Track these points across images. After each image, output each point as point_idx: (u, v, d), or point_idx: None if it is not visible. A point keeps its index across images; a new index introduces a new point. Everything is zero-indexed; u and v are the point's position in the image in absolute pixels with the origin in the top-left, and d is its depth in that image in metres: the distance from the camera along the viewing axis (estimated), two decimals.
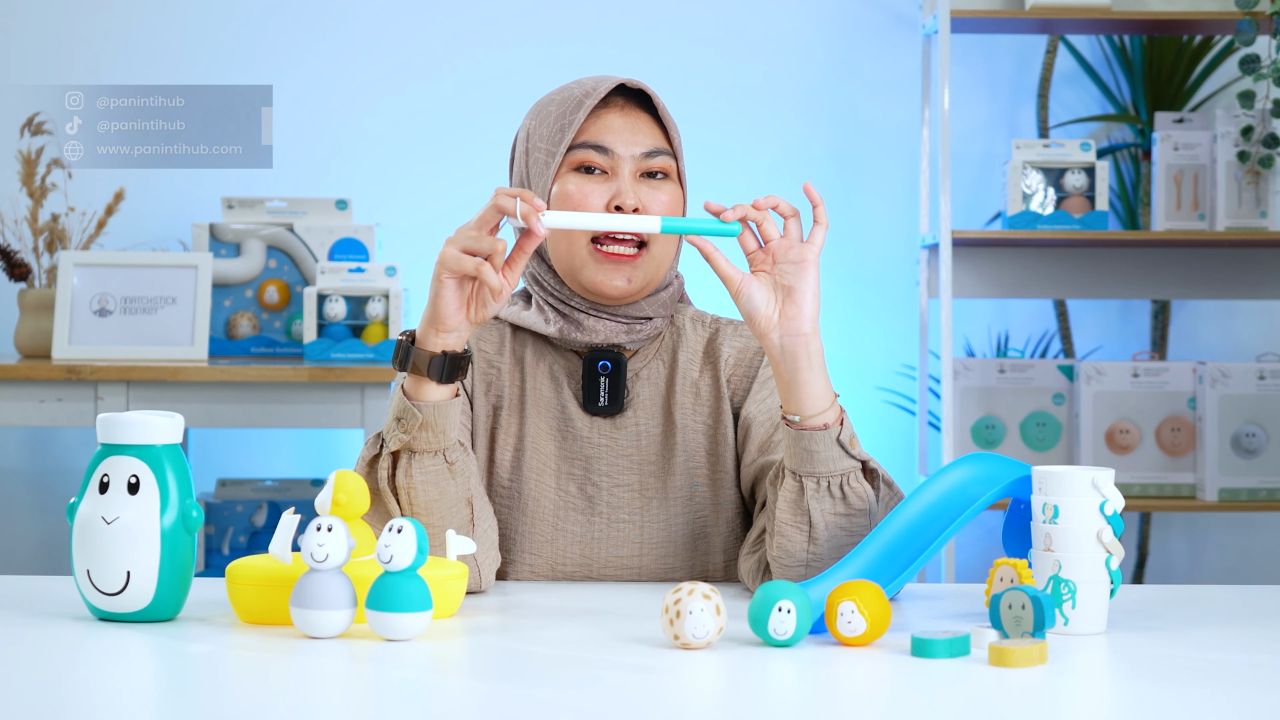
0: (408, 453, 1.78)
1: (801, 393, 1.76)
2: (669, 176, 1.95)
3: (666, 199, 1.93)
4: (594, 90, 1.92)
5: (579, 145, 1.92)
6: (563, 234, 1.92)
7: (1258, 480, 3.71)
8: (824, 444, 1.76)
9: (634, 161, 1.92)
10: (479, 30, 4.07)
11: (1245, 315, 4.19)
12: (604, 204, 1.90)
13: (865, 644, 1.53)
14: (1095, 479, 1.60)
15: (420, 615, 1.53)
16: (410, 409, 1.76)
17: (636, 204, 1.90)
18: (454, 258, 1.73)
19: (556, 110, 1.94)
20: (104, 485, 1.60)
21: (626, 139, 1.92)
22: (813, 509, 1.76)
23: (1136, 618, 1.69)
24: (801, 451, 1.76)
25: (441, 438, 1.77)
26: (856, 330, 4.11)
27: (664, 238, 1.92)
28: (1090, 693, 1.44)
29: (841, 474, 1.77)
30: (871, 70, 4.13)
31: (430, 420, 1.76)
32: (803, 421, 1.77)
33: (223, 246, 3.69)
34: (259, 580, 1.62)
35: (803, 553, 1.77)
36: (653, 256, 1.93)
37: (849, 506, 1.77)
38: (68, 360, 3.47)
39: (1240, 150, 3.68)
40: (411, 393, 1.77)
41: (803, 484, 1.77)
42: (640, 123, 1.94)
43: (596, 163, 1.92)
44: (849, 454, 1.77)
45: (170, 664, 1.50)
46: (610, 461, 1.95)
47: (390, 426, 1.78)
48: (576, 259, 1.92)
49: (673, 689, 1.42)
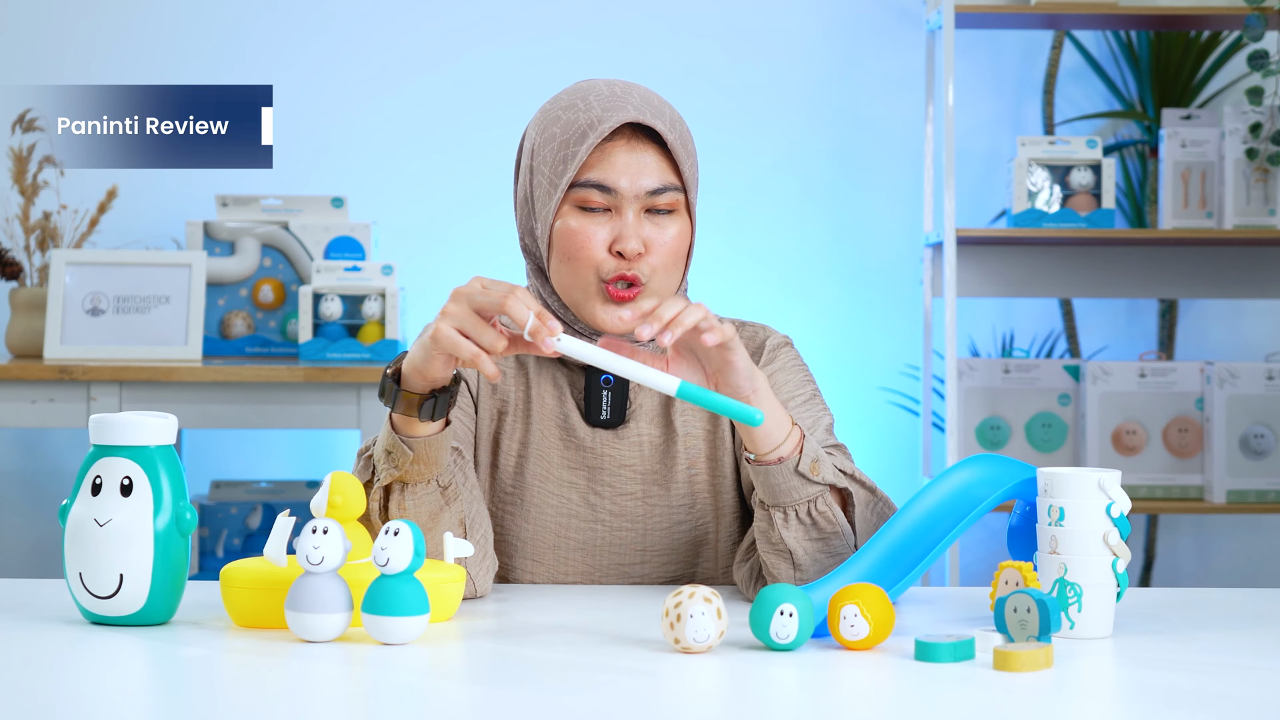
0: (400, 484, 1.77)
1: (755, 435, 1.77)
2: (676, 210, 1.90)
3: (672, 238, 1.88)
4: (598, 122, 1.86)
5: (581, 183, 1.87)
6: (568, 270, 1.88)
7: (1266, 482, 3.72)
8: (783, 476, 1.77)
9: (639, 200, 1.87)
10: (475, 27, 4.08)
11: (1253, 315, 4.20)
12: (607, 244, 1.86)
13: (868, 648, 1.54)
14: (1101, 481, 1.60)
15: (417, 619, 1.54)
16: (401, 446, 1.75)
17: (639, 248, 1.86)
18: (450, 340, 1.67)
19: (561, 135, 1.88)
20: (96, 487, 1.60)
21: (632, 176, 1.86)
22: (786, 538, 1.79)
23: (1143, 621, 1.69)
24: (764, 486, 1.79)
25: (434, 467, 1.77)
26: (860, 330, 4.12)
27: (667, 271, 1.88)
28: (1096, 697, 1.43)
29: (807, 500, 1.79)
30: (875, 66, 4.14)
31: (422, 454, 1.75)
32: (759, 459, 1.78)
33: (217, 245, 3.70)
34: (254, 583, 1.62)
35: (791, 578, 1.80)
36: (654, 291, 1.89)
37: (820, 531, 1.79)
38: (60, 360, 3.47)
39: (1249, 147, 3.69)
40: (401, 427, 1.75)
41: (771, 515, 1.80)
42: (647, 158, 1.87)
43: (598, 202, 1.87)
44: (811, 481, 1.78)
45: (164, 668, 1.50)
46: (613, 471, 1.95)
47: (381, 458, 1.77)
48: (582, 296, 1.89)
49: (673, 693, 1.42)
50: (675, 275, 1.91)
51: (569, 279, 1.89)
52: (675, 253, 1.89)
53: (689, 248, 1.93)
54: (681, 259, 1.91)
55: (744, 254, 4.05)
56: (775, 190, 4.10)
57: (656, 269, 1.88)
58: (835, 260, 4.11)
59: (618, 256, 1.86)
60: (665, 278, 1.89)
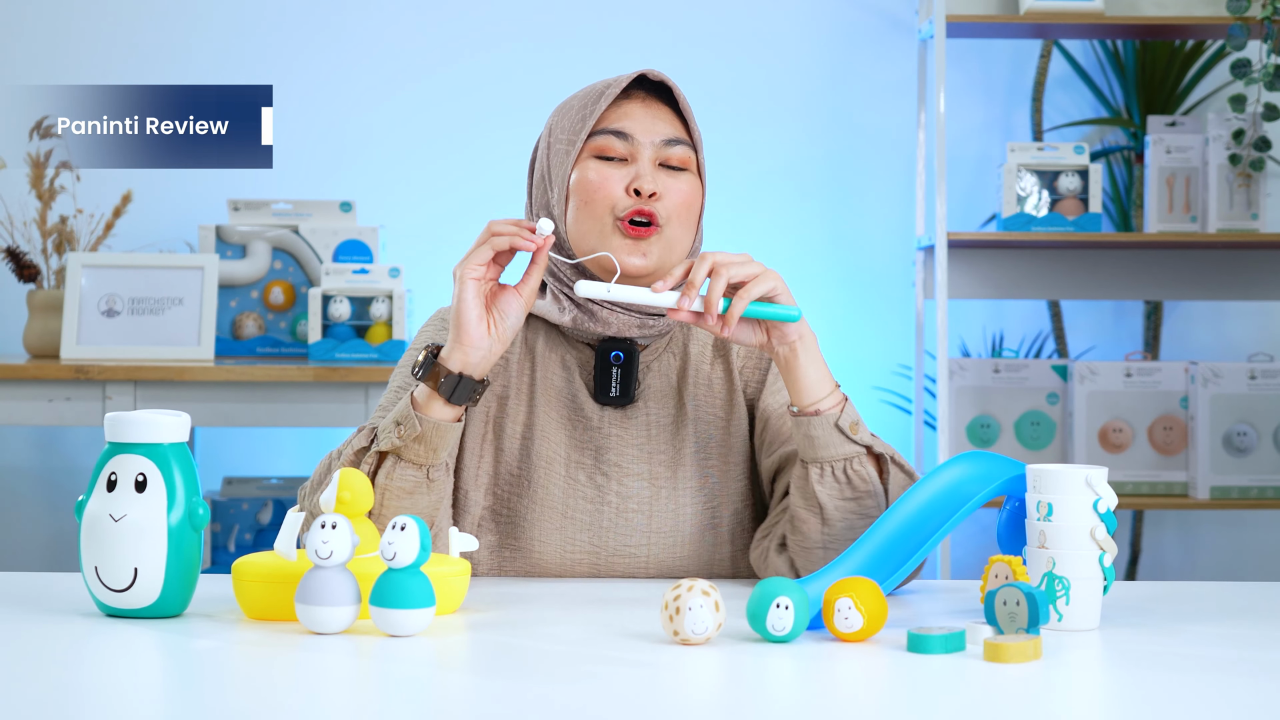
0: (394, 457, 1.82)
1: (800, 384, 1.83)
2: (688, 168, 1.95)
3: (686, 189, 1.93)
4: (616, 81, 1.94)
5: (599, 132, 1.93)
6: (584, 214, 1.92)
7: (1249, 479, 3.72)
8: (822, 429, 1.82)
9: (654, 149, 1.93)
10: (481, 33, 4.08)
11: (1237, 316, 4.19)
12: (623, 188, 1.91)
13: (862, 640, 1.54)
14: (1089, 477, 1.60)
15: (423, 611, 1.54)
16: (412, 418, 1.80)
17: (654, 189, 1.90)
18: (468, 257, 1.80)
19: (579, 103, 1.95)
20: (111, 483, 1.60)
21: (646, 126, 1.93)
22: (819, 493, 1.82)
23: (1129, 614, 1.69)
24: (804, 438, 1.83)
25: (431, 455, 1.81)
26: (853, 331, 4.11)
27: (680, 223, 1.93)
28: (1084, 687, 1.44)
29: (844, 459, 1.83)
30: (868, 74, 4.13)
31: (427, 435, 1.80)
32: (802, 410, 1.83)
33: (229, 248, 3.70)
34: (264, 577, 1.62)
35: (818, 535, 1.83)
36: (667, 239, 1.92)
37: (854, 490, 1.83)
38: (76, 360, 3.49)
39: (1232, 153, 3.69)
40: (419, 403, 1.81)
41: (808, 469, 1.83)
42: (661, 113, 1.95)
43: (616, 149, 1.92)
44: (850, 439, 1.82)
45: (177, 659, 1.50)
46: (620, 451, 1.95)
47: (387, 427, 1.81)
48: (597, 235, 1.91)
49: (672, 684, 1.41)
50: (689, 230, 1.94)
51: (586, 222, 1.92)
52: (688, 205, 1.93)
53: (700, 210, 1.96)
54: (694, 214, 1.95)
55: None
56: (771, 195, 4.10)
57: (671, 217, 1.91)
58: (829, 263, 4.10)
59: (634, 196, 1.91)
60: (679, 229, 1.93)
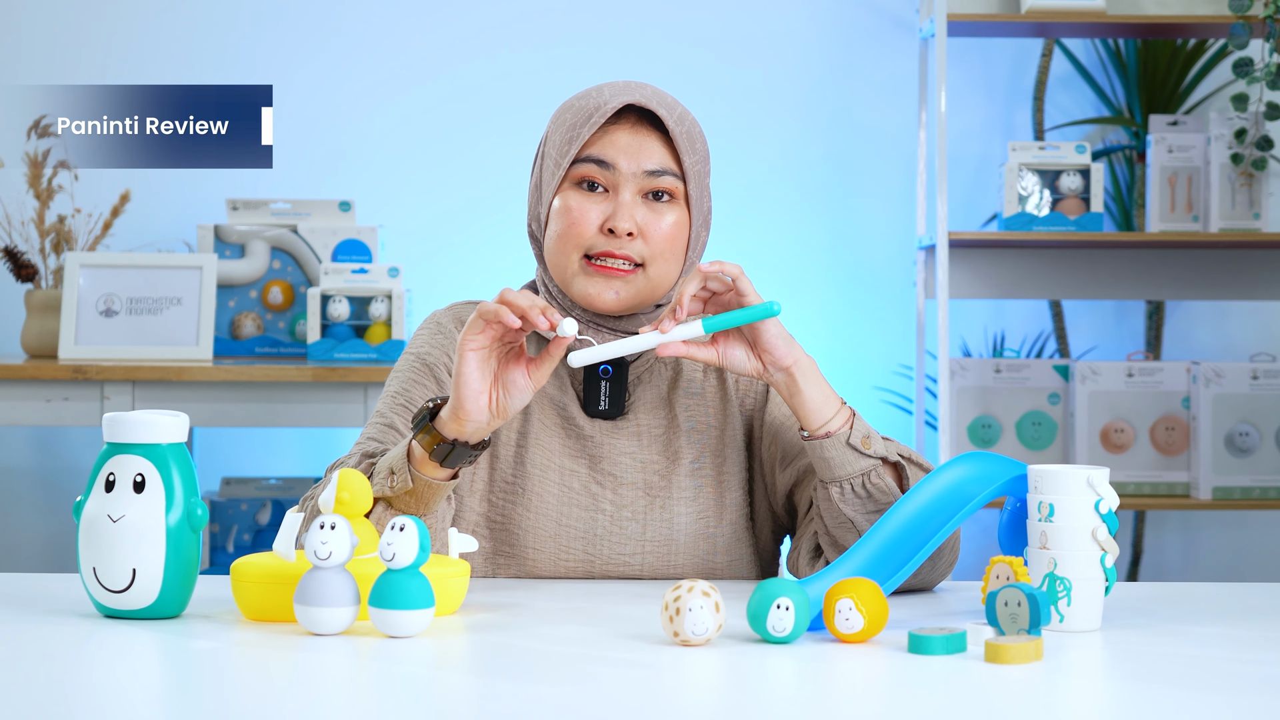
0: (384, 503, 1.79)
1: (805, 409, 1.81)
2: (675, 199, 1.89)
3: (669, 223, 1.88)
4: (605, 104, 1.87)
5: (582, 159, 1.88)
6: (558, 247, 1.90)
7: (1251, 479, 3.72)
8: (835, 449, 1.81)
9: (636, 180, 1.87)
10: (481, 33, 4.08)
11: (1238, 316, 4.19)
12: (600, 223, 1.87)
13: (863, 641, 1.54)
14: (1090, 478, 1.60)
15: (422, 612, 1.54)
16: (405, 473, 1.76)
17: (631, 227, 1.86)
18: (468, 327, 1.72)
19: (570, 119, 1.90)
20: (110, 484, 1.60)
21: (632, 154, 1.87)
22: (845, 511, 1.82)
23: (1131, 615, 1.69)
24: (819, 460, 1.82)
25: (422, 507, 1.78)
26: (854, 331, 4.12)
27: (664, 260, 1.89)
28: (1085, 689, 1.44)
29: (861, 474, 1.82)
30: (869, 73, 4.13)
31: (419, 491, 1.77)
32: (812, 434, 1.81)
33: (227, 248, 3.70)
34: (263, 578, 1.62)
35: None
36: (648, 278, 1.89)
37: (876, 502, 1.82)
38: (74, 360, 3.48)
39: (1234, 152, 3.69)
40: (414, 457, 1.77)
41: (828, 489, 1.83)
42: (650, 141, 1.88)
43: (597, 178, 1.88)
44: (863, 455, 1.81)
45: (175, 660, 1.50)
46: (614, 460, 1.93)
47: (381, 471, 1.78)
48: (568, 271, 1.90)
49: (672, 686, 1.42)
50: (674, 265, 1.90)
51: (558, 256, 1.89)
52: (671, 240, 1.89)
53: (689, 241, 1.91)
54: (680, 249, 1.90)
55: (742, 256, 4.03)
56: (772, 194, 4.10)
57: (654, 256, 1.88)
58: (831, 262, 4.11)
59: (609, 235, 1.86)
60: (663, 266, 1.89)
